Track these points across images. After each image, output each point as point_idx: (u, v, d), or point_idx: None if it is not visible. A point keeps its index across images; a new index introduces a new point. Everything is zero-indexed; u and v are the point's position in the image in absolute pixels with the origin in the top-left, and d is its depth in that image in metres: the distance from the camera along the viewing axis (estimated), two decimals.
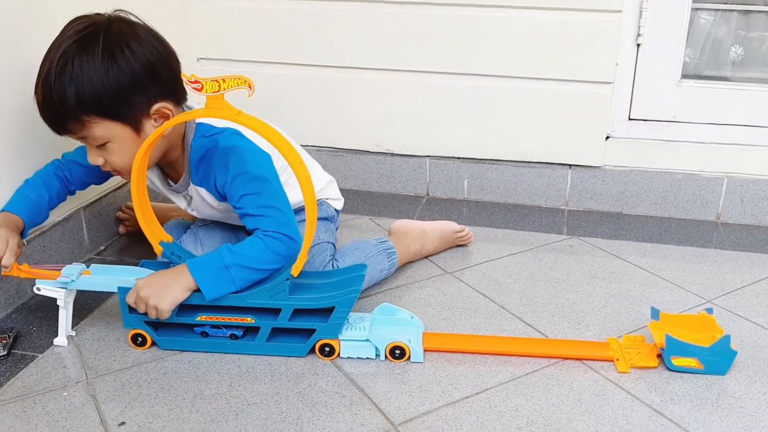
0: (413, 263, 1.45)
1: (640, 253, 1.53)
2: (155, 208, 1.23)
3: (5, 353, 1.11)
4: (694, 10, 1.68)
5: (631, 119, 1.74)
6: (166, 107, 1.10)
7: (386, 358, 1.12)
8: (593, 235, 1.62)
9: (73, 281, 1.13)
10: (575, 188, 1.77)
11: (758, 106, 1.68)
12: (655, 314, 1.17)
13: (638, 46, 1.68)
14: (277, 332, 1.12)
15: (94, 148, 1.12)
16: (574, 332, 1.21)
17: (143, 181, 1.11)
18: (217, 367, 1.10)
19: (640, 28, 1.66)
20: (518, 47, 1.69)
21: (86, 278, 1.13)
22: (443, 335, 1.19)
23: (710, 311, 1.16)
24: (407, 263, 1.43)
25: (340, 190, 1.47)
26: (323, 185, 1.40)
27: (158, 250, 1.14)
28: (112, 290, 1.12)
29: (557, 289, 1.36)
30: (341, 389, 1.05)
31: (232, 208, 1.16)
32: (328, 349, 1.12)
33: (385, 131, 1.83)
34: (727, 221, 1.72)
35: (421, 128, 1.81)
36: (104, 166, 1.14)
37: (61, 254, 1.36)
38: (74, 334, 1.18)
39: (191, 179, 1.19)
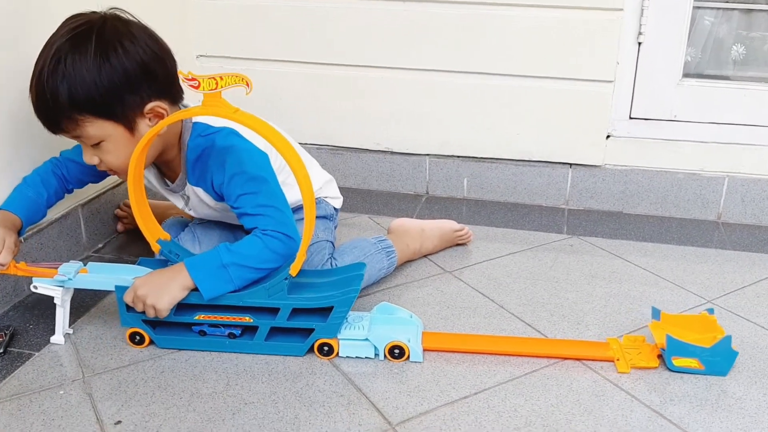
0: (412, 262, 1.44)
1: (640, 252, 1.52)
2: (153, 205, 1.22)
3: (1, 351, 1.11)
4: (695, 8, 1.67)
5: (631, 118, 1.73)
6: (160, 106, 1.10)
7: (385, 357, 1.11)
8: (593, 234, 1.62)
9: (70, 279, 1.12)
10: (575, 187, 1.77)
11: (759, 105, 1.67)
12: (656, 314, 1.17)
13: (639, 44, 1.67)
14: (275, 331, 1.12)
15: (89, 147, 1.11)
16: (573, 332, 1.21)
17: (140, 179, 1.10)
18: (214, 365, 1.09)
19: (641, 26, 1.65)
20: (518, 45, 1.69)
21: (83, 276, 1.13)
22: (443, 335, 1.18)
23: (711, 311, 1.16)
24: (406, 262, 1.43)
25: (339, 188, 1.46)
26: (322, 184, 1.39)
27: (155, 248, 1.14)
28: (109, 289, 1.12)
29: (557, 288, 1.36)
30: (339, 388, 1.04)
31: (229, 207, 1.16)
32: (326, 348, 1.11)
33: (384, 129, 1.82)
34: (727, 221, 1.71)
35: (421, 126, 1.80)
36: (100, 165, 1.13)
37: (58, 252, 1.36)
38: (71, 332, 1.17)
39: (188, 179, 1.18)
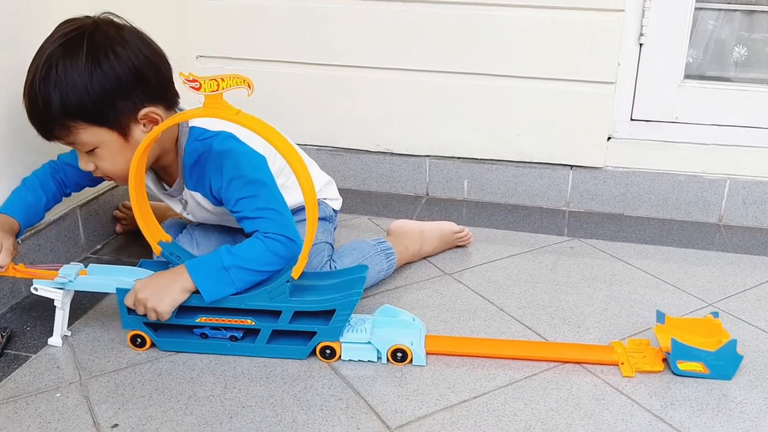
0: (412, 264, 1.43)
1: (641, 255, 1.52)
2: (152, 207, 1.21)
3: None
4: (697, 9, 1.67)
5: (633, 120, 1.73)
6: (154, 112, 1.09)
7: (388, 360, 1.10)
8: (594, 236, 1.61)
9: (70, 281, 1.11)
10: (576, 189, 1.76)
11: (761, 107, 1.66)
12: (660, 318, 1.16)
13: (641, 45, 1.67)
14: (277, 334, 1.11)
15: (83, 153, 1.11)
16: (574, 335, 1.20)
17: (141, 180, 1.10)
18: (212, 368, 1.09)
19: (642, 27, 1.65)
20: (520, 46, 1.68)
21: (84, 279, 1.12)
22: (445, 338, 1.17)
23: (716, 315, 1.15)
24: (406, 264, 1.42)
25: (339, 189, 1.45)
26: (321, 185, 1.39)
27: (157, 250, 1.13)
28: (110, 291, 1.11)
29: (557, 291, 1.35)
30: (337, 392, 1.04)
31: (228, 211, 1.15)
32: (329, 351, 1.10)
33: (384, 130, 1.81)
34: (729, 223, 1.71)
35: (421, 128, 1.79)
36: (95, 171, 1.13)
37: (56, 253, 1.35)
38: (69, 334, 1.16)
39: (185, 184, 1.18)
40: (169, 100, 1.12)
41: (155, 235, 1.14)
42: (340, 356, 1.11)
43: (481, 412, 1.00)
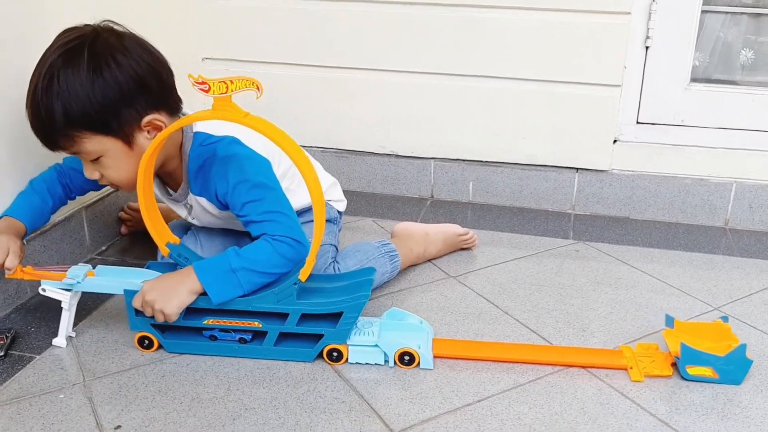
0: (416, 266, 1.43)
1: (647, 258, 1.51)
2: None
3: (2, 354, 1.10)
4: (704, 12, 1.66)
5: (639, 123, 1.72)
6: (157, 119, 1.08)
7: (395, 364, 1.10)
8: (600, 240, 1.60)
9: (78, 283, 1.12)
10: (582, 192, 1.75)
11: None
12: (669, 322, 1.15)
13: (647, 48, 1.66)
14: (284, 337, 1.11)
15: (88, 162, 1.11)
16: (578, 339, 1.20)
17: (150, 181, 1.10)
18: (215, 370, 1.09)
19: (649, 30, 1.64)
20: (525, 49, 1.67)
21: (92, 280, 1.12)
22: (453, 341, 1.17)
23: (725, 319, 1.14)
24: (410, 266, 1.42)
25: (343, 191, 1.45)
26: (326, 187, 1.38)
27: (165, 251, 1.13)
28: (118, 292, 1.11)
29: (562, 294, 1.35)
30: (341, 395, 1.03)
31: (234, 216, 1.15)
32: (336, 354, 1.10)
33: (389, 133, 1.81)
34: (735, 227, 1.70)
35: (425, 130, 1.79)
36: (101, 180, 1.13)
37: (61, 254, 1.35)
38: (74, 335, 1.17)
39: (190, 189, 1.17)
40: (171, 106, 1.12)
41: (163, 236, 1.14)
42: (347, 359, 1.10)
43: (484, 415, 1.00)
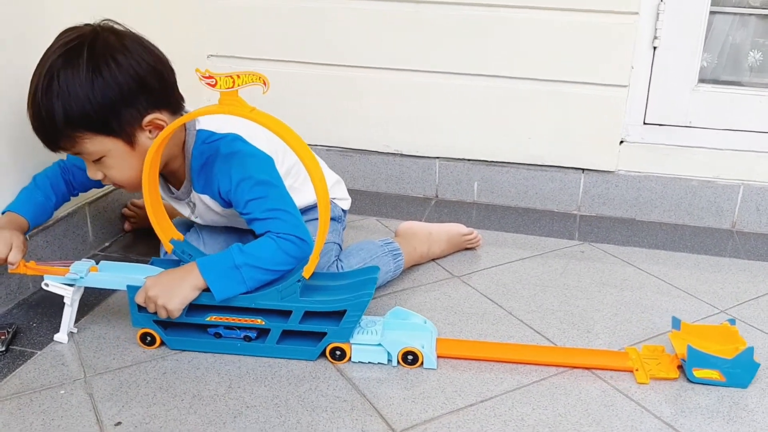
0: (420, 266, 1.42)
1: (652, 260, 1.50)
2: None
3: (4, 349, 1.10)
4: (712, 13, 1.65)
5: (646, 123, 1.71)
6: (159, 118, 1.08)
7: (398, 363, 1.09)
8: (605, 241, 1.59)
9: (81, 278, 1.11)
10: (588, 193, 1.74)
11: None
12: (676, 324, 1.14)
13: (655, 49, 1.65)
14: (287, 335, 1.10)
15: (91, 163, 1.11)
16: (583, 340, 1.19)
17: (155, 177, 1.09)
18: (216, 367, 1.08)
19: (656, 30, 1.63)
20: (532, 48, 1.67)
21: (95, 275, 1.12)
22: (456, 341, 1.16)
23: (732, 322, 1.13)
24: (414, 266, 1.41)
25: (347, 190, 1.45)
26: (330, 185, 1.37)
27: (168, 248, 1.13)
28: (121, 288, 1.11)
29: (567, 295, 1.34)
30: (342, 393, 1.03)
31: (238, 213, 1.14)
32: (339, 352, 1.10)
33: (394, 131, 1.81)
34: (742, 230, 1.68)
35: (431, 129, 1.78)
36: (104, 180, 1.13)
37: (64, 250, 1.35)
38: (75, 331, 1.16)
39: (193, 187, 1.17)
40: (173, 105, 1.11)
41: (167, 232, 1.13)
42: (350, 358, 1.10)
43: (487, 416, 0.99)
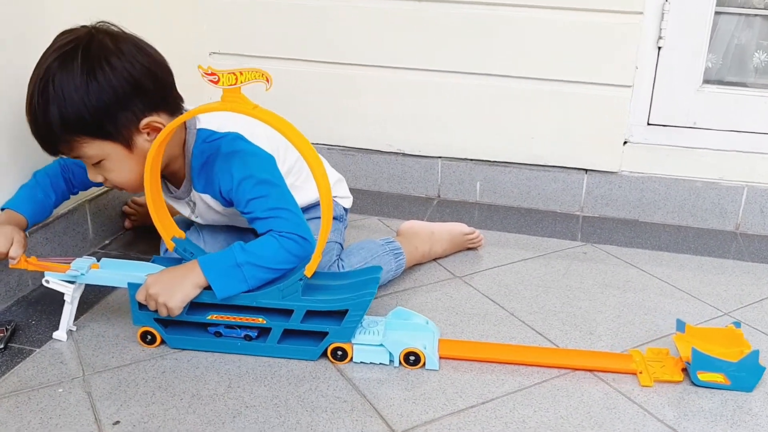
0: (421, 266, 1.42)
1: (656, 262, 1.49)
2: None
3: (2, 347, 1.09)
4: (717, 13, 1.64)
5: (649, 124, 1.70)
6: (156, 121, 1.07)
7: (400, 364, 1.08)
8: (608, 242, 1.58)
9: (82, 275, 1.11)
10: (591, 194, 1.73)
11: None
12: (680, 326, 1.13)
13: (659, 49, 1.64)
14: (288, 334, 1.09)
15: (91, 166, 1.10)
16: (585, 342, 1.18)
17: (157, 176, 1.08)
18: (216, 367, 1.07)
19: (661, 30, 1.62)
20: (535, 48, 1.66)
21: (95, 272, 1.11)
22: (458, 342, 1.15)
23: (738, 325, 1.12)
24: (415, 265, 1.40)
25: (349, 189, 1.44)
26: (332, 183, 1.36)
27: (170, 245, 1.12)
28: (121, 286, 1.10)
29: (569, 297, 1.33)
30: (342, 394, 1.02)
31: (239, 212, 1.14)
32: (340, 353, 1.09)
33: (396, 131, 1.80)
34: (746, 232, 1.67)
35: (433, 128, 1.77)
36: (105, 182, 1.12)
37: (64, 247, 1.34)
38: (74, 329, 1.15)
39: (193, 186, 1.16)
40: (171, 105, 1.10)
41: (169, 230, 1.12)
42: (351, 358, 1.09)
43: (488, 417, 0.98)
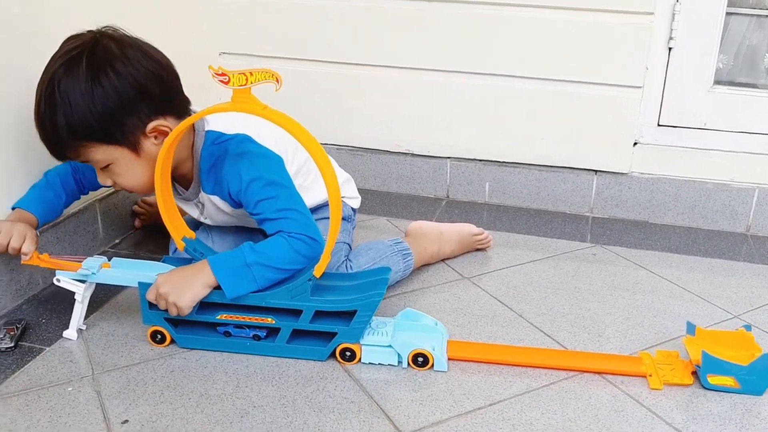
0: (430, 266, 1.41)
1: (665, 263, 1.48)
2: None
3: (12, 345, 1.10)
4: (728, 14, 1.63)
5: (660, 125, 1.69)
6: (162, 125, 1.07)
7: (409, 365, 1.08)
8: (618, 243, 1.58)
9: (93, 274, 1.12)
10: (600, 195, 1.73)
11: None
12: (690, 329, 1.12)
13: (670, 49, 1.63)
14: (297, 334, 1.10)
15: (99, 170, 1.11)
16: (593, 344, 1.17)
17: (167, 176, 1.09)
18: (224, 366, 1.08)
19: (672, 31, 1.61)
20: (545, 48, 1.65)
21: (106, 272, 1.12)
22: (467, 344, 1.15)
23: (748, 328, 1.12)
24: (424, 266, 1.40)
25: (358, 190, 1.44)
26: (340, 183, 1.37)
27: (180, 245, 1.12)
28: (132, 285, 1.11)
29: (578, 298, 1.32)
30: (350, 395, 1.02)
31: (248, 213, 1.14)
32: (349, 353, 1.09)
33: (405, 131, 1.80)
34: (757, 233, 1.66)
35: (442, 129, 1.77)
36: (114, 186, 1.13)
37: (75, 246, 1.35)
38: (84, 327, 1.16)
39: (202, 187, 1.17)
40: (177, 109, 1.11)
41: (179, 230, 1.13)
42: (360, 359, 1.09)
43: (496, 420, 0.98)
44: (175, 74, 1.11)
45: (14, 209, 1.19)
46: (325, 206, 1.29)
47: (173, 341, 1.12)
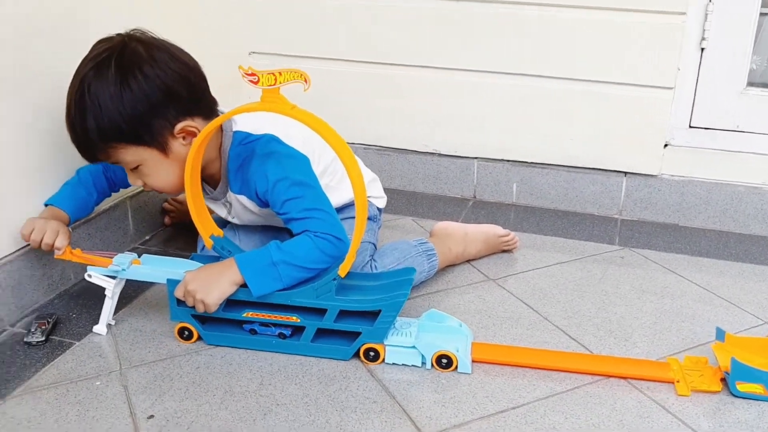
0: (454, 267, 1.41)
1: (695, 268, 1.46)
2: None
3: (43, 339, 1.12)
4: (762, 14, 1.59)
5: (691, 127, 1.66)
6: (190, 126, 1.09)
7: (432, 366, 1.09)
8: (647, 246, 1.56)
9: (124, 270, 1.14)
10: (630, 197, 1.71)
11: None
12: (720, 335, 1.11)
13: (702, 50, 1.60)
14: (322, 333, 1.10)
15: (129, 170, 1.13)
16: (620, 349, 1.16)
17: (197, 176, 1.10)
18: (249, 364, 1.09)
19: (704, 31, 1.58)
20: (575, 48, 1.64)
21: (136, 268, 1.14)
22: (491, 346, 1.15)
23: None
24: (448, 266, 1.40)
25: (384, 189, 1.44)
26: (366, 183, 1.37)
27: (208, 243, 1.14)
28: (161, 282, 1.13)
29: (605, 302, 1.31)
30: (372, 395, 1.02)
31: (274, 213, 1.15)
32: (372, 353, 1.09)
33: (433, 131, 1.79)
34: None
35: (469, 128, 1.77)
36: (144, 186, 1.15)
37: (106, 242, 1.38)
38: (114, 323, 1.18)
39: (230, 187, 1.18)
40: (204, 110, 1.12)
41: (207, 228, 1.14)
42: (383, 359, 1.09)
43: (519, 423, 0.97)
44: (202, 75, 1.12)
45: (47, 206, 1.22)
46: (351, 206, 1.29)
47: (200, 338, 1.14)
